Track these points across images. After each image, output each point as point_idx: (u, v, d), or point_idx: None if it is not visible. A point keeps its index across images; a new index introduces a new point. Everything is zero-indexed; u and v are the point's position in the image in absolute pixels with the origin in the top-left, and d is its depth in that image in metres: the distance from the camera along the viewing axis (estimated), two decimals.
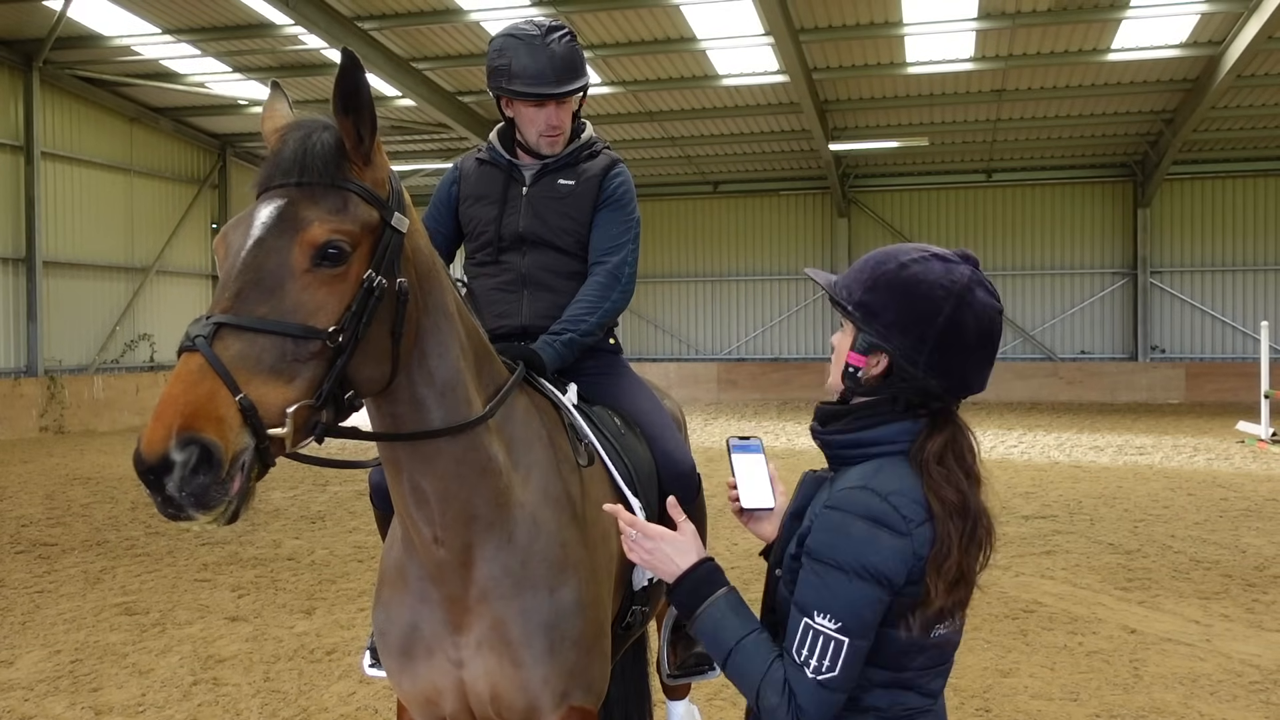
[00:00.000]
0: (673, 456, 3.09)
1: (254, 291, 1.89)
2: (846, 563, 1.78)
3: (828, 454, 1.99)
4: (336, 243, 1.95)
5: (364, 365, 2.03)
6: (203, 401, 1.76)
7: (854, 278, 1.97)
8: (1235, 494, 11.27)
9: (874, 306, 1.90)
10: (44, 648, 6.05)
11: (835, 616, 1.77)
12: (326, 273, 1.95)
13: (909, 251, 1.94)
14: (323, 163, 2.01)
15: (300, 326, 1.89)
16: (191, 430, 1.73)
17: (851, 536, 1.79)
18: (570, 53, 3.14)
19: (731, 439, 2.24)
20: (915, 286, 1.88)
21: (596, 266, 3.17)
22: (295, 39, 18.22)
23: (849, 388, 1.95)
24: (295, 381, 1.88)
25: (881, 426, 1.90)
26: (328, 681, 5.44)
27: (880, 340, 1.89)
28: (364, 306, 1.98)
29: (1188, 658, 5.75)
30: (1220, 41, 17.63)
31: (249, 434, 1.80)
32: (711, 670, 3.21)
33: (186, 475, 1.71)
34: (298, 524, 9.84)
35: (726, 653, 1.87)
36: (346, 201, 2.02)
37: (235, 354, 1.83)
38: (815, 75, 19.53)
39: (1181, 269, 25.85)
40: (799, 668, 1.78)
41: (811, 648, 1.77)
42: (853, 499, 1.82)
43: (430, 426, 2.28)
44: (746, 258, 28.56)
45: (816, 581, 1.80)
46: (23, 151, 20.20)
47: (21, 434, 18.97)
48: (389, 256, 2.06)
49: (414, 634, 2.47)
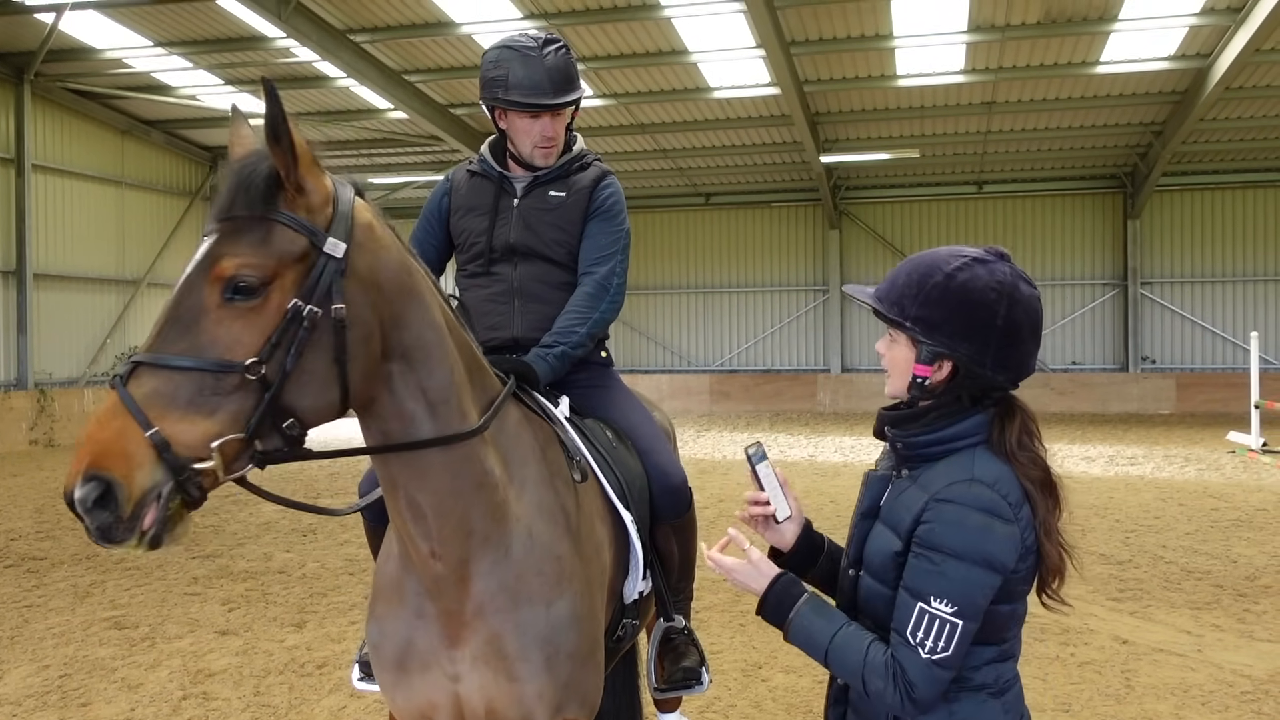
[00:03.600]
0: (665, 470, 3.09)
1: (172, 329, 1.95)
2: (965, 551, 1.93)
3: (907, 454, 2.11)
4: (244, 276, 1.96)
5: (304, 394, 2.02)
6: (111, 439, 1.84)
7: (902, 292, 2.07)
8: (1226, 504, 11.29)
9: (933, 319, 2.03)
10: (33, 662, 6.01)
11: (952, 601, 1.92)
12: (240, 306, 1.96)
13: (949, 259, 2.07)
14: (249, 196, 2.02)
15: (214, 361, 1.92)
16: (96, 468, 1.82)
17: (968, 527, 1.94)
18: (566, 65, 3.15)
19: (750, 450, 2.28)
20: (969, 294, 2.02)
21: (585, 277, 3.17)
22: (287, 51, 18.22)
23: (915, 395, 2.08)
24: (217, 415, 1.91)
25: (960, 422, 2.06)
26: (318, 695, 5.42)
27: (945, 349, 2.03)
28: (289, 336, 1.98)
29: (1179, 668, 5.75)
30: (1208, 54, 17.74)
31: (163, 469, 1.85)
32: (699, 685, 3.20)
33: (91, 511, 1.81)
34: (289, 537, 9.81)
35: (824, 652, 2.02)
36: (270, 232, 2.02)
37: (149, 391, 1.88)
38: (806, 87, 19.60)
39: (1172, 280, 25.94)
40: (912, 648, 1.94)
41: (927, 630, 1.93)
42: (965, 492, 1.97)
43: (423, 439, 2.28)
44: (738, 269, 28.59)
45: (932, 569, 1.95)
46: (14, 164, 20.17)
47: (11, 447, 18.88)
48: (323, 283, 2.04)
49: (409, 648, 2.46)
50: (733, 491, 12.45)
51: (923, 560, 1.96)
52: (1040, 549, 2.03)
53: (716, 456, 16.67)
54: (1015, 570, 1.99)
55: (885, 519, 2.11)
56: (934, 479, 2.03)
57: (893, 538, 2.05)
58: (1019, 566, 2.00)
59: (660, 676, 3.23)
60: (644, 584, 2.91)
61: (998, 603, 1.99)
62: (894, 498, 2.11)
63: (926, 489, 2.02)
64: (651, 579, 3.00)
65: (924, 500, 2.01)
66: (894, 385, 2.14)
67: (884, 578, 2.06)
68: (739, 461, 15.83)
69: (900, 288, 2.08)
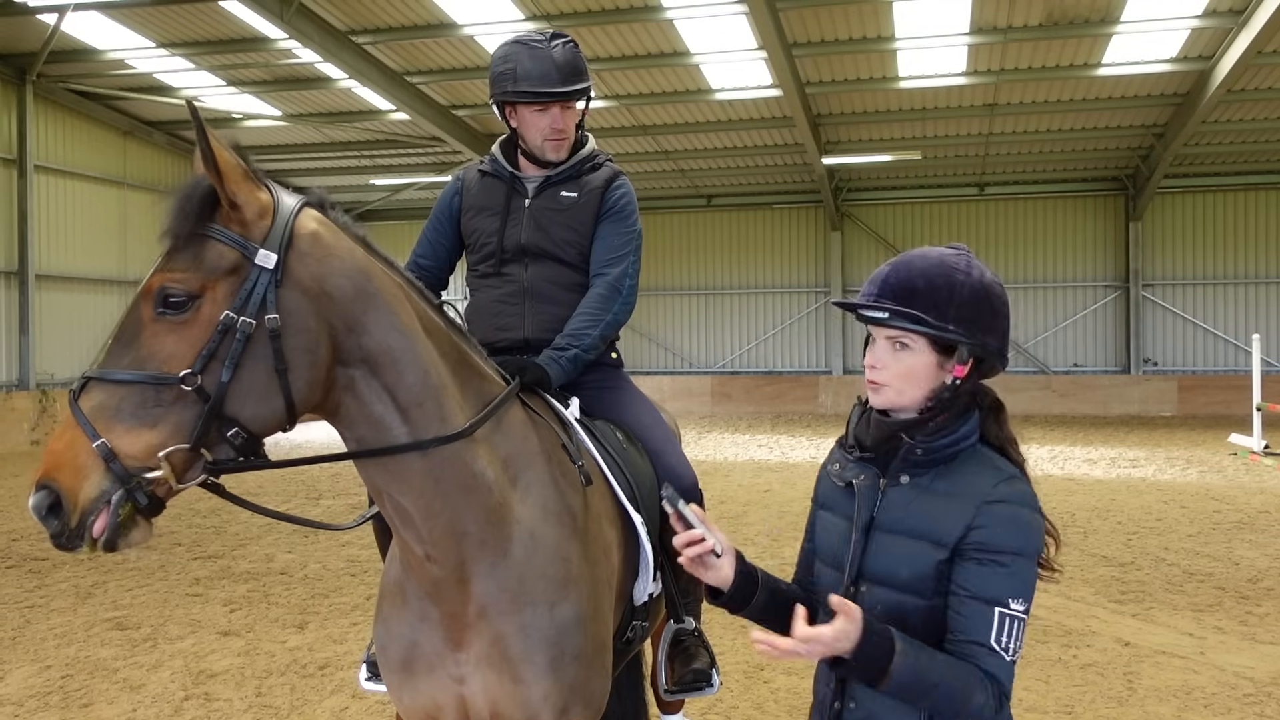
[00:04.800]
0: (675, 472, 3.07)
1: (117, 345, 2.05)
2: (1028, 549, 1.96)
3: (924, 459, 2.04)
4: (171, 290, 2.04)
5: (245, 404, 2.07)
6: (62, 451, 1.96)
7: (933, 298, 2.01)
8: (1228, 506, 11.29)
9: (971, 318, 2.02)
10: (34, 663, 6.01)
11: (1024, 599, 1.93)
12: (171, 320, 2.04)
13: (954, 260, 2.06)
14: (183, 214, 2.10)
15: (151, 374, 2.00)
16: (47, 478, 1.94)
17: (1026, 525, 1.96)
18: (574, 57, 3.15)
19: (666, 493, 2.08)
20: (990, 290, 2.05)
21: (597, 279, 3.15)
22: (289, 53, 18.22)
23: (943, 399, 2.03)
24: (159, 426, 1.99)
25: (968, 420, 2.05)
26: (320, 696, 5.42)
27: (980, 346, 2.02)
28: (224, 348, 2.04)
29: (1182, 670, 5.75)
30: (1210, 56, 17.74)
31: (111, 478, 1.95)
32: (709, 687, 3.18)
33: (45, 519, 1.94)
34: (290, 538, 9.81)
35: (933, 686, 1.88)
36: (202, 248, 2.09)
37: (96, 404, 1.98)
38: (808, 89, 19.61)
39: (1173, 282, 25.94)
40: (998, 654, 1.91)
41: (1010, 633, 1.91)
42: (1013, 490, 1.98)
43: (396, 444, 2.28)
44: (740, 271, 28.61)
45: (1005, 572, 1.93)
46: (16, 165, 20.18)
47: (12, 447, 18.89)
48: (255, 294, 2.07)
49: (414, 650, 2.47)
50: (734, 493, 12.45)
51: (992, 566, 1.93)
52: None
53: (718, 458, 16.67)
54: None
55: (906, 530, 2.02)
56: (963, 483, 1.99)
57: (928, 548, 1.98)
58: None
59: (670, 678, 3.20)
60: (654, 586, 2.90)
61: None
62: (904, 506, 2.03)
63: (960, 494, 1.98)
64: (662, 581, 2.98)
65: (969, 506, 1.96)
66: (905, 395, 2.05)
67: (919, 589, 1.99)
68: (741, 463, 15.84)
69: (926, 294, 2.01)
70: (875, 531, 2.06)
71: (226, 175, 2.09)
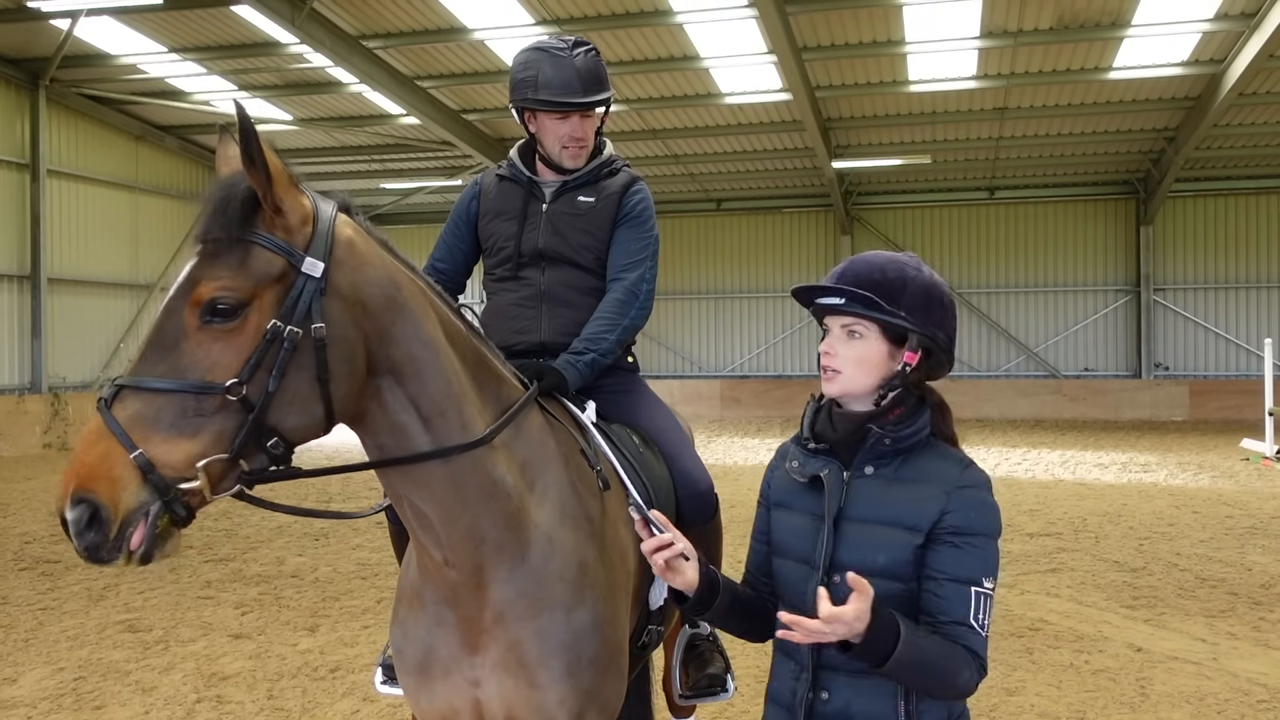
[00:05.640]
0: (691, 475, 3.08)
1: (154, 352, 1.98)
2: (994, 529, 2.10)
3: (891, 449, 2.15)
4: (222, 298, 1.98)
5: (287, 414, 2.04)
6: (96, 462, 1.88)
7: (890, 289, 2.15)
8: (1240, 511, 11.24)
9: (922, 307, 2.16)
10: (47, 665, 6.04)
11: (993, 576, 2.08)
12: (219, 328, 1.99)
13: (898, 259, 2.21)
14: (226, 219, 2.02)
15: (195, 383, 1.95)
16: (83, 490, 1.86)
17: (990, 506, 2.11)
18: (595, 66, 3.15)
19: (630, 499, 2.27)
20: (936, 287, 2.19)
21: (614, 283, 3.15)
22: (300, 57, 18.31)
23: (894, 385, 2.15)
24: (200, 436, 1.94)
25: (924, 413, 2.18)
26: (331, 699, 5.43)
27: (929, 336, 2.16)
28: (270, 357, 2.00)
29: (1194, 676, 5.73)
30: (1222, 60, 17.68)
31: (149, 489, 1.89)
32: (724, 692, 3.18)
33: (80, 532, 1.86)
34: (301, 541, 9.83)
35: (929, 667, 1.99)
36: (247, 254, 2.03)
37: (132, 413, 1.92)
38: (818, 93, 19.60)
39: (1185, 286, 25.84)
40: (976, 631, 2.03)
41: (986, 610, 2.05)
42: (977, 476, 2.13)
43: (418, 452, 2.27)
44: (750, 275, 28.60)
45: (979, 553, 2.07)
46: (29, 169, 20.30)
47: (25, 450, 18.98)
48: (302, 303, 2.05)
49: (430, 654, 2.47)
50: (744, 497, 12.44)
51: (966, 549, 2.06)
52: None
53: (728, 462, 16.65)
54: None
55: (878, 518, 2.10)
56: (929, 471, 2.13)
57: (904, 534, 2.08)
58: None
59: (685, 683, 3.18)
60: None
61: None
62: (873, 496, 2.13)
63: (928, 481, 2.11)
64: None
65: (940, 491, 2.09)
66: (857, 380, 2.16)
67: (898, 574, 2.08)
68: (750, 467, 15.82)
69: (880, 282, 2.15)
70: (844, 522, 2.14)
71: (276, 179, 2.05)
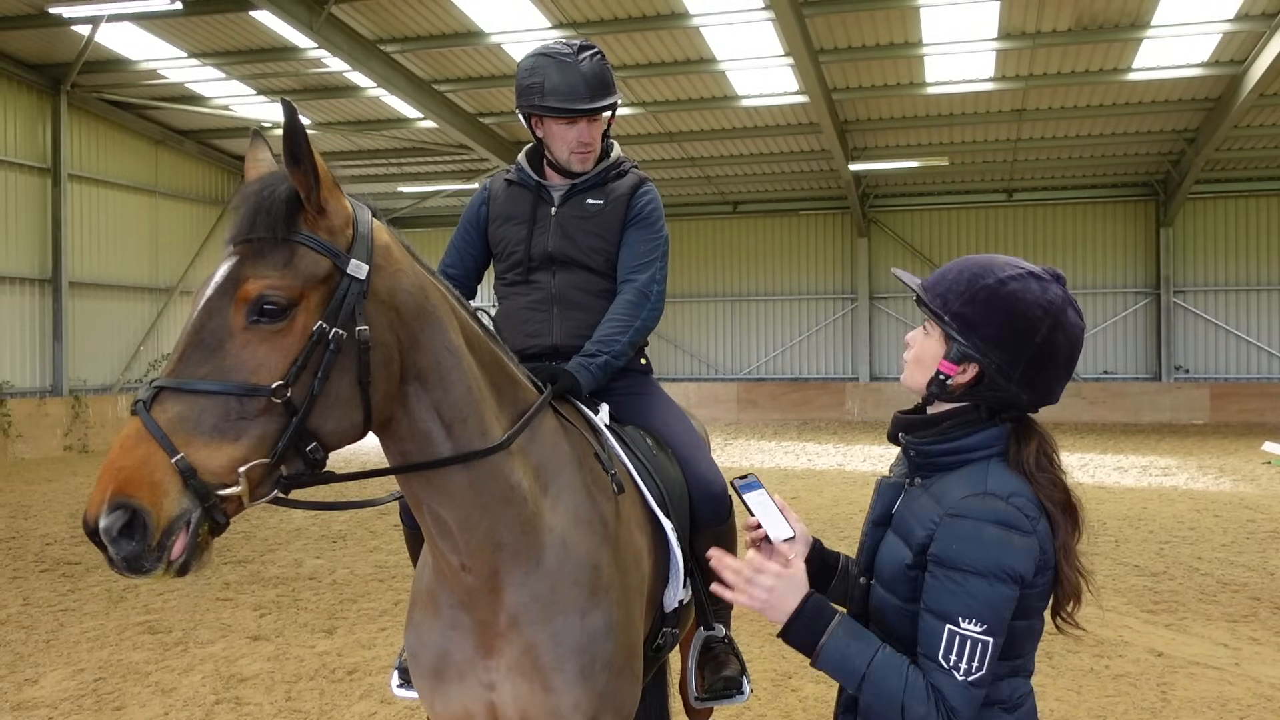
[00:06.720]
0: (705, 478, 3.08)
1: (196, 353, 1.91)
2: (985, 567, 1.87)
3: (920, 461, 2.08)
4: (271, 298, 1.94)
5: (328, 417, 2.01)
6: (137, 467, 1.80)
7: (949, 286, 2.04)
8: (1262, 515, 11.13)
9: (973, 319, 2.00)
10: (68, 666, 6.08)
11: (980, 620, 1.86)
12: (266, 329, 1.94)
13: (1005, 267, 2.03)
14: (270, 217, 1.98)
15: (240, 385, 1.89)
16: (123, 496, 1.77)
17: (985, 542, 1.89)
18: (601, 70, 3.15)
19: (736, 481, 2.24)
20: (1015, 304, 1.98)
21: (625, 285, 3.16)
22: (319, 62, 18.40)
23: (933, 392, 2.05)
24: (242, 440, 1.88)
25: (976, 434, 2.02)
26: (349, 701, 5.44)
27: (976, 353, 1.99)
28: (315, 359, 1.97)
29: (1216, 681, 5.68)
30: (1242, 61, 17.55)
31: (190, 496, 1.82)
32: (739, 694, 3.17)
33: (116, 540, 1.77)
34: (319, 543, 9.87)
35: (860, 677, 1.92)
36: (293, 254, 1.99)
37: (173, 416, 1.85)
38: (835, 96, 19.56)
39: (1205, 288, 25.65)
40: (946, 672, 1.87)
41: (960, 652, 1.86)
42: (979, 506, 1.92)
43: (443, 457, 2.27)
44: (766, 278, 28.56)
45: (955, 589, 1.88)
46: (50, 173, 20.46)
47: (46, 453, 19.13)
48: (346, 305, 2.02)
49: (445, 658, 2.47)
50: None
51: (944, 581, 1.90)
52: (1059, 571, 1.99)
53: (744, 465, 16.62)
54: (1033, 585, 1.94)
55: (897, 528, 2.07)
56: (947, 490, 1.99)
57: (903, 548, 2.02)
58: (1037, 580, 1.94)
59: (701, 686, 3.17)
60: (684, 592, 2.89)
61: (1014, 618, 1.93)
62: (906, 506, 2.08)
63: (939, 501, 1.99)
64: (692, 587, 2.98)
65: (936, 513, 1.97)
66: (913, 377, 2.09)
67: (895, 588, 2.03)
68: (767, 470, 15.79)
69: (949, 282, 2.05)
70: (886, 529, 2.12)
71: (323, 180, 2.03)
